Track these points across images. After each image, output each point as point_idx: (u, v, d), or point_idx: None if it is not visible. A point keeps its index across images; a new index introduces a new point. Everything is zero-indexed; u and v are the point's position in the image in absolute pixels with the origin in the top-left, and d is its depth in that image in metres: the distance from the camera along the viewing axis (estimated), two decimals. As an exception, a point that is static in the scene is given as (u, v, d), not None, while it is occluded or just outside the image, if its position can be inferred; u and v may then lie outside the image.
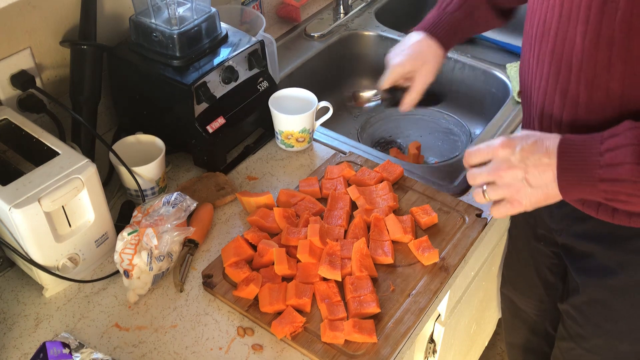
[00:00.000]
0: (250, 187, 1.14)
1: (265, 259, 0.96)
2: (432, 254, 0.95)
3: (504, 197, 0.81)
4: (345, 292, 0.92)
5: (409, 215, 1.03)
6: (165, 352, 0.87)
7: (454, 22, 1.07)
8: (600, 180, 0.74)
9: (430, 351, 1.27)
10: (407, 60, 1.06)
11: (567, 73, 0.82)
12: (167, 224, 0.92)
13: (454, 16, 1.07)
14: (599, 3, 0.74)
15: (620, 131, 0.74)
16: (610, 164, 0.73)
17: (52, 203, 0.86)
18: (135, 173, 1.03)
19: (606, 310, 1.01)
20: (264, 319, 0.89)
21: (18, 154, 0.94)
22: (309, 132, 1.18)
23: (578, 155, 0.75)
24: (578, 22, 0.78)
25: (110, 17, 1.18)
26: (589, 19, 0.76)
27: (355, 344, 0.86)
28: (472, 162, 0.84)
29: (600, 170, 0.74)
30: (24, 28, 1.05)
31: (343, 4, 1.63)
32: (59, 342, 0.78)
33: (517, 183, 0.78)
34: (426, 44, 1.07)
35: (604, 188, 0.74)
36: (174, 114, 1.12)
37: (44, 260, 0.90)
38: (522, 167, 0.77)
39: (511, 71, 1.39)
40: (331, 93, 1.61)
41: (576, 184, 0.76)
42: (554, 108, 0.87)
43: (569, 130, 0.86)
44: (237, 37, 1.18)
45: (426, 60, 1.06)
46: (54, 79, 1.13)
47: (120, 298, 0.95)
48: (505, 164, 0.79)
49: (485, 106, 1.50)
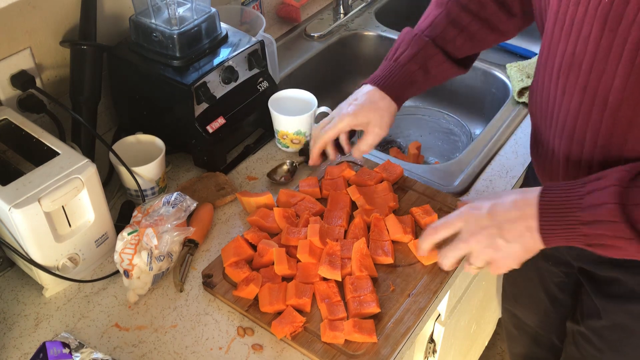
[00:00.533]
0: (250, 187, 1.14)
1: (265, 259, 0.96)
2: (432, 254, 0.95)
3: (488, 261, 0.81)
4: (345, 292, 0.92)
5: (409, 215, 1.03)
6: (165, 352, 0.87)
7: (407, 75, 1.01)
8: (582, 223, 0.72)
9: (430, 351, 1.27)
10: (359, 110, 1.00)
11: (601, 111, 0.77)
12: (167, 224, 0.92)
13: (407, 69, 1.00)
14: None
15: (605, 174, 0.73)
16: (591, 206, 0.72)
17: (52, 203, 0.86)
18: (135, 173, 1.03)
19: (629, 336, 0.98)
20: (264, 319, 0.89)
21: (18, 154, 0.94)
22: (305, 135, 1.18)
23: (559, 200, 0.75)
24: (620, 62, 0.72)
25: (110, 17, 1.18)
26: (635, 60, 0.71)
27: (355, 343, 0.86)
28: (439, 237, 0.84)
29: (582, 213, 0.72)
30: (24, 28, 1.05)
31: (343, 4, 1.63)
32: (59, 342, 0.78)
33: (494, 241, 0.78)
34: (379, 96, 1.00)
35: (585, 232, 0.73)
36: (174, 114, 1.12)
37: (44, 260, 0.90)
38: (495, 225, 0.78)
39: (511, 71, 1.39)
40: (331, 93, 1.61)
41: (557, 228, 0.75)
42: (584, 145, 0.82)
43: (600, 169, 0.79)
44: (237, 37, 1.18)
45: (380, 113, 1.00)
46: (54, 79, 1.13)
47: (120, 298, 0.95)
48: (478, 227, 0.79)
49: (485, 106, 1.50)
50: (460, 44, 1.01)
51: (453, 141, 1.49)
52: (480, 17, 1.00)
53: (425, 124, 1.54)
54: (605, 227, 0.71)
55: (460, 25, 1.00)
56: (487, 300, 1.58)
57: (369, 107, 1.00)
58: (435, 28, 1.01)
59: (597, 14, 0.72)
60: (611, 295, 0.97)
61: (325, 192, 1.08)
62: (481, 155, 1.21)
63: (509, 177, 1.16)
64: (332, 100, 1.61)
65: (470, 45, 1.02)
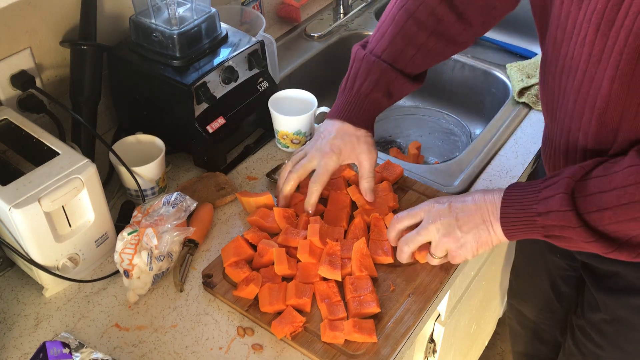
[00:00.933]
0: (250, 187, 1.14)
1: (265, 259, 0.96)
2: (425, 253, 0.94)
3: (446, 250, 0.88)
4: (345, 292, 0.92)
5: None
6: (165, 352, 0.87)
7: (373, 103, 1.01)
8: (537, 214, 0.78)
9: (430, 351, 1.28)
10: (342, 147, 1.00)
11: (590, 113, 0.80)
12: (167, 224, 0.92)
13: (371, 98, 1.00)
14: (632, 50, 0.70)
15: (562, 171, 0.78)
16: (545, 198, 0.77)
17: (52, 203, 0.86)
18: (135, 173, 1.03)
19: (628, 331, 0.99)
20: (264, 319, 0.89)
21: (18, 154, 0.94)
22: (305, 135, 1.18)
23: (519, 195, 0.81)
24: (608, 66, 0.74)
25: (110, 17, 1.18)
26: (619, 65, 0.73)
27: (355, 343, 0.86)
28: (402, 225, 0.92)
29: (537, 205, 0.77)
30: (24, 28, 1.05)
31: (343, 4, 1.63)
32: (59, 342, 0.78)
33: (452, 232, 0.85)
34: (353, 129, 1.01)
35: (541, 223, 0.78)
36: (174, 114, 1.12)
37: (44, 260, 0.90)
38: (452, 216, 0.85)
39: (511, 71, 1.39)
40: (331, 93, 1.61)
41: (517, 221, 0.80)
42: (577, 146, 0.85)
43: None
44: (237, 37, 1.18)
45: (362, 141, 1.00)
46: (54, 79, 1.13)
47: (120, 298, 0.95)
48: (437, 217, 0.86)
49: (485, 106, 1.50)
50: (418, 62, 1.01)
51: (453, 141, 1.49)
52: (438, 32, 0.99)
53: (425, 124, 1.54)
54: (557, 217, 0.76)
55: (418, 43, 0.99)
56: (487, 300, 1.58)
57: (350, 140, 1.00)
58: (392, 50, 1.00)
59: (592, 19, 0.73)
60: (611, 288, 0.98)
61: (325, 192, 1.08)
62: (481, 155, 1.21)
63: (509, 177, 1.15)
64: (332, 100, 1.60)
65: (428, 61, 1.02)
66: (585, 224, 0.75)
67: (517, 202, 0.80)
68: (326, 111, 1.21)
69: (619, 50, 0.72)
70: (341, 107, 1.02)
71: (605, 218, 0.74)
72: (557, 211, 0.76)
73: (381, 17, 1.04)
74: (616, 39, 0.71)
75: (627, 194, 0.72)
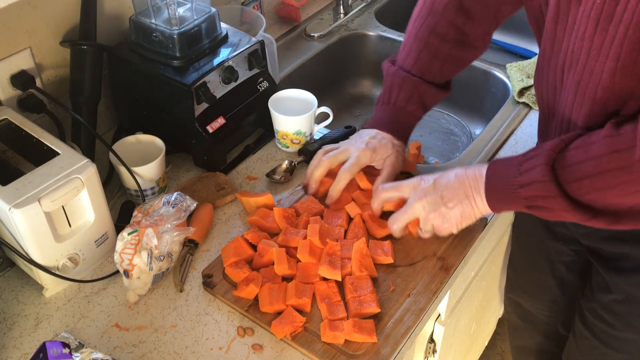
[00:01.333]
0: (250, 187, 1.14)
1: (265, 259, 0.96)
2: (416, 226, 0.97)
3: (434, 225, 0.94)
4: (345, 292, 0.92)
5: None
6: (165, 352, 0.87)
7: (409, 115, 1.07)
8: (520, 186, 0.82)
9: (430, 351, 1.27)
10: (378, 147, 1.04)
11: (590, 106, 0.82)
12: (167, 224, 0.92)
13: (407, 110, 1.06)
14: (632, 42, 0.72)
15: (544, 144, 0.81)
16: (527, 170, 0.81)
17: (52, 203, 0.86)
18: (135, 173, 1.03)
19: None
20: (264, 319, 0.89)
21: (18, 154, 0.94)
22: (305, 135, 1.18)
23: (503, 168, 0.85)
24: (607, 60, 0.76)
25: (110, 17, 1.18)
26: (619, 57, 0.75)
27: (355, 343, 0.86)
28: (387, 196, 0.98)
29: (519, 177, 0.82)
30: (24, 28, 1.05)
31: (343, 4, 1.63)
32: (59, 342, 0.78)
33: (437, 208, 0.91)
34: (390, 137, 1.05)
35: (524, 194, 0.82)
36: (174, 114, 1.12)
37: (44, 260, 0.90)
38: (437, 193, 0.91)
39: (511, 71, 1.39)
40: (331, 93, 1.61)
41: (500, 194, 0.85)
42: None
43: None
44: (237, 37, 1.18)
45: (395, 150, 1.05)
46: (54, 79, 1.13)
47: (120, 298, 0.95)
48: (423, 194, 0.92)
49: (485, 106, 1.50)
50: (445, 72, 1.07)
51: (453, 141, 1.49)
52: (459, 42, 1.04)
53: (425, 124, 1.54)
54: (538, 187, 0.80)
55: (443, 55, 1.04)
56: (487, 300, 1.58)
57: (386, 144, 1.05)
58: (420, 65, 1.05)
59: (592, 14, 0.76)
60: (620, 269, 1.00)
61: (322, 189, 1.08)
62: (481, 155, 1.21)
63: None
64: (332, 100, 1.61)
65: (454, 69, 1.08)
66: (565, 194, 0.79)
67: (500, 176, 0.85)
68: (326, 111, 1.21)
69: (619, 43, 0.74)
70: (380, 119, 1.08)
71: (583, 187, 0.78)
72: (539, 182, 0.80)
73: (406, 34, 1.09)
74: (615, 32, 0.73)
75: (602, 163, 0.76)
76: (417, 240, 1.01)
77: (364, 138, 1.05)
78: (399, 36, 1.57)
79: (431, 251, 0.99)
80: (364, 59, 1.64)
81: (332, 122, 1.23)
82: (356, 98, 1.66)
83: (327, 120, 1.23)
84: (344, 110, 1.62)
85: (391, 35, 1.58)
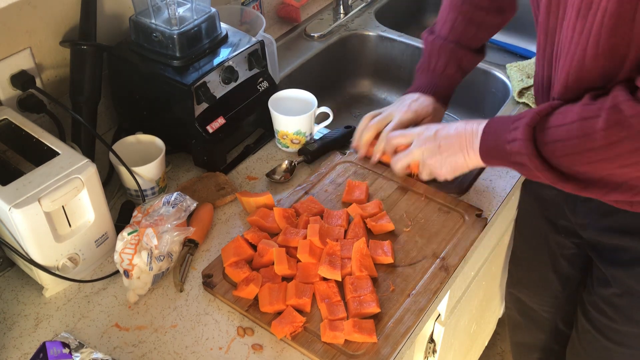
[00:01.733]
0: (250, 187, 1.14)
1: (265, 259, 0.96)
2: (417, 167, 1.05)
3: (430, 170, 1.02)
4: (345, 292, 0.92)
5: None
6: (165, 352, 0.87)
7: (449, 79, 1.15)
8: (507, 142, 0.88)
9: (430, 351, 1.28)
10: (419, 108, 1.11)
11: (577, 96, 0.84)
12: (167, 224, 0.92)
13: (446, 75, 1.15)
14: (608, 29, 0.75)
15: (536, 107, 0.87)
16: (515, 128, 0.87)
17: (52, 203, 0.86)
18: (135, 173, 1.03)
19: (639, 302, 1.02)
20: (264, 319, 0.89)
21: (18, 154, 0.94)
22: (305, 135, 1.18)
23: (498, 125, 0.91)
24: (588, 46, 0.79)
25: (110, 17, 1.18)
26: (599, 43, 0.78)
27: (355, 343, 0.86)
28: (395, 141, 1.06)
29: (508, 134, 0.88)
30: (24, 28, 1.05)
31: (343, 4, 1.63)
32: (59, 342, 0.78)
33: (434, 154, 0.99)
34: (431, 100, 1.13)
35: (508, 149, 0.87)
36: (174, 114, 1.12)
37: (44, 260, 0.90)
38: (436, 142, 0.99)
39: (511, 71, 1.39)
40: (331, 93, 1.61)
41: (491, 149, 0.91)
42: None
43: None
44: (237, 37, 1.18)
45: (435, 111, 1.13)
46: (54, 79, 1.13)
47: (120, 298, 0.95)
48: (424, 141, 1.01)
49: (485, 106, 1.50)
50: (480, 37, 1.16)
51: (453, 141, 1.49)
52: (492, 8, 1.13)
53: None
54: (518, 145, 0.86)
55: (477, 21, 1.13)
56: (487, 300, 1.58)
57: (427, 107, 1.12)
58: (456, 32, 1.14)
59: (575, 2, 0.79)
60: (619, 262, 1.02)
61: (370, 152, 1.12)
62: (481, 155, 1.20)
63: (509, 177, 1.15)
64: (332, 100, 1.61)
65: (487, 34, 1.17)
66: (539, 154, 0.84)
67: (494, 131, 0.91)
68: (326, 111, 1.21)
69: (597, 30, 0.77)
70: (420, 84, 1.16)
71: (556, 150, 0.83)
72: (520, 139, 0.85)
73: (442, 5, 1.17)
74: (594, 19, 0.77)
75: (573, 129, 0.81)
76: (417, 240, 1.01)
77: (406, 102, 1.12)
78: (399, 36, 1.57)
79: (431, 251, 0.99)
80: (364, 59, 1.64)
81: (332, 122, 1.23)
82: (356, 98, 1.66)
83: (327, 120, 1.23)
84: (344, 110, 1.62)
85: (391, 35, 1.58)
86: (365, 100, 1.66)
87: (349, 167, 1.15)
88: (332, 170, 1.15)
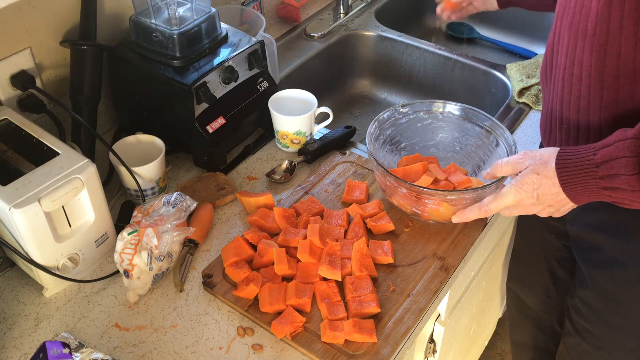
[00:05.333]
0: (250, 187, 1.14)
1: (265, 259, 0.96)
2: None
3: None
4: (345, 292, 0.92)
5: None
6: (165, 352, 0.87)
7: None
8: (603, 188, 0.78)
9: (430, 351, 1.27)
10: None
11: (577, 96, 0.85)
12: (167, 224, 0.92)
13: None
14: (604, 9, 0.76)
15: (611, 142, 0.77)
16: (607, 175, 0.77)
17: (52, 203, 0.86)
18: (135, 173, 1.03)
19: (614, 305, 1.02)
20: (264, 319, 0.89)
21: (18, 154, 0.94)
22: (305, 135, 1.18)
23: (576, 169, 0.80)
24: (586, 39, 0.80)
25: (110, 17, 1.18)
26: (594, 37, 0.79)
27: (355, 343, 0.86)
28: (501, 173, 0.92)
29: (601, 181, 0.78)
30: (24, 28, 1.05)
31: (343, 4, 1.63)
32: (59, 342, 0.78)
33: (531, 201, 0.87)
34: None
35: (607, 194, 0.79)
36: (174, 114, 1.12)
37: (44, 260, 0.90)
38: (539, 204, 0.86)
39: (511, 71, 1.39)
40: (331, 93, 1.61)
41: (583, 193, 0.81)
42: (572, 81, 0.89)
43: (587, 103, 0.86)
44: (237, 37, 1.18)
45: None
46: (54, 79, 1.13)
47: (120, 298, 0.95)
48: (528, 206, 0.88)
49: (485, 106, 1.50)
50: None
51: (453, 141, 1.49)
52: None
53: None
54: (624, 193, 0.76)
55: None
56: (487, 300, 1.58)
57: None
58: None
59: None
60: (597, 262, 1.01)
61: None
62: (481, 155, 1.20)
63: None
64: (332, 100, 1.61)
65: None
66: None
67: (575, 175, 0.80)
68: (326, 111, 1.21)
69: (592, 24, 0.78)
70: None
71: None
72: (627, 190, 0.76)
73: None
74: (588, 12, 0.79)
75: None
76: (416, 240, 1.01)
77: None
78: (398, 36, 1.57)
79: (431, 251, 0.99)
80: (364, 59, 1.64)
81: (332, 122, 1.23)
82: (356, 98, 1.66)
83: (327, 120, 1.23)
84: (344, 110, 1.62)
85: (391, 35, 1.58)
86: (365, 100, 1.66)
87: (349, 167, 1.15)
88: (332, 170, 1.15)
